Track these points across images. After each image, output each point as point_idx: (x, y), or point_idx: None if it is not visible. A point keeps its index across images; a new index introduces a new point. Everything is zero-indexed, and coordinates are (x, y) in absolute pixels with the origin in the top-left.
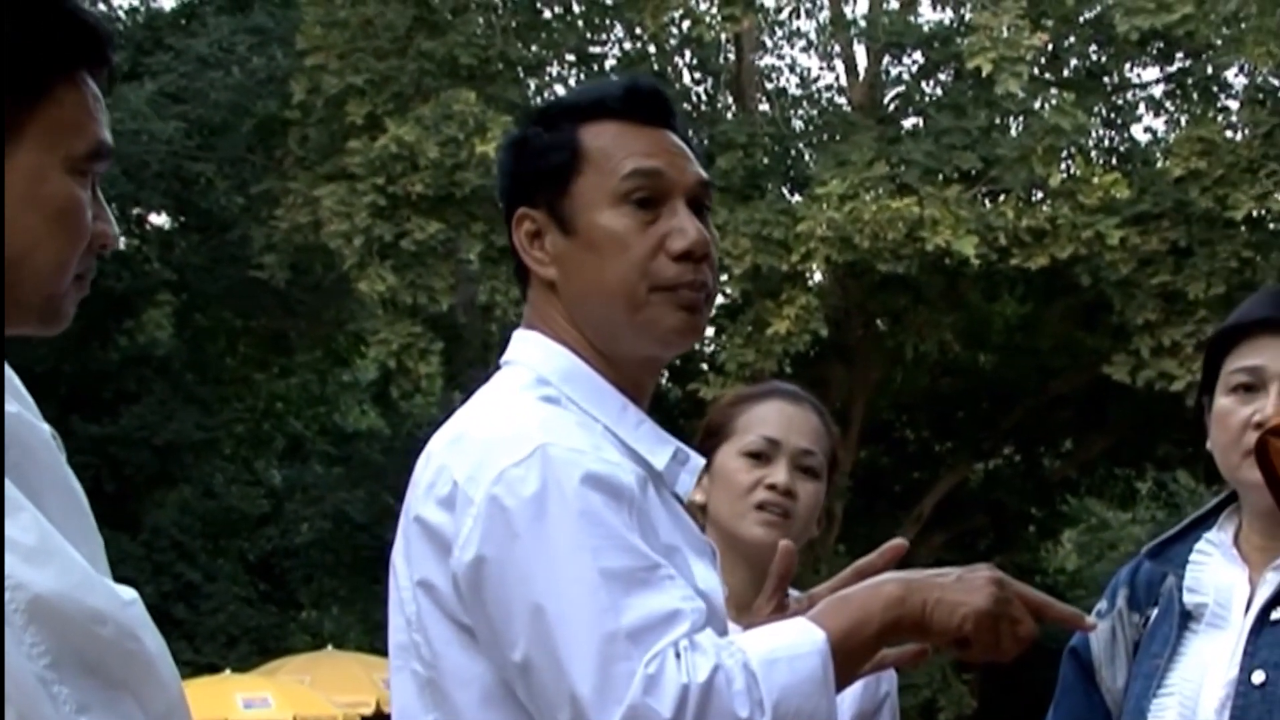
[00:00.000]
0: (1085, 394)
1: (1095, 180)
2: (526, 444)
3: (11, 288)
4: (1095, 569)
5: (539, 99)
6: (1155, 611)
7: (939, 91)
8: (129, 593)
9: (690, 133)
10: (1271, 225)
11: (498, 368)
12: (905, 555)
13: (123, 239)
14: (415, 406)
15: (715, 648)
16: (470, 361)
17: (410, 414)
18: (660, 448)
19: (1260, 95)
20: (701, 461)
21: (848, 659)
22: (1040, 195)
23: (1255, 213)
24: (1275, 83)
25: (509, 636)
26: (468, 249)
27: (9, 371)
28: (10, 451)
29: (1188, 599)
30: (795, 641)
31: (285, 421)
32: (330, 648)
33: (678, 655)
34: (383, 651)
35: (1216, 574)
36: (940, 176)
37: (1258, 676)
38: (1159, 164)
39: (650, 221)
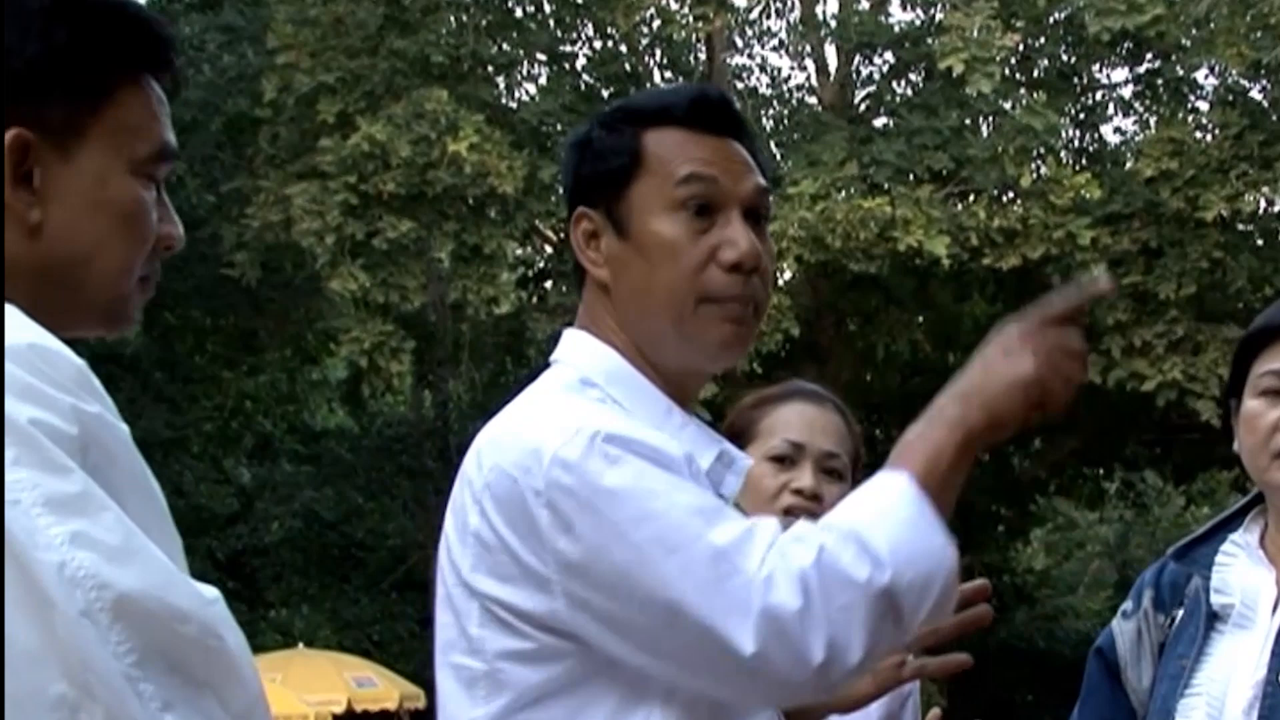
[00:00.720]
0: None
1: (1066, 181)
2: (575, 429)
3: (77, 289)
4: (1063, 568)
5: (510, 98)
6: (1181, 612)
7: (910, 92)
8: (211, 591)
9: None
10: (1242, 226)
11: (546, 366)
12: None
13: None
14: (384, 405)
15: (811, 532)
16: (441, 360)
17: (379, 413)
18: (705, 450)
19: (1230, 96)
20: (749, 462)
21: (941, 489)
22: (1011, 195)
23: (1225, 214)
24: (1245, 84)
25: (619, 599)
26: (439, 248)
27: (89, 371)
28: (92, 453)
29: (1214, 600)
30: (884, 493)
31: (254, 420)
32: (301, 646)
33: (781, 554)
34: (353, 650)
35: (1243, 575)
36: (912, 176)
37: None
38: (1130, 164)
39: (704, 230)
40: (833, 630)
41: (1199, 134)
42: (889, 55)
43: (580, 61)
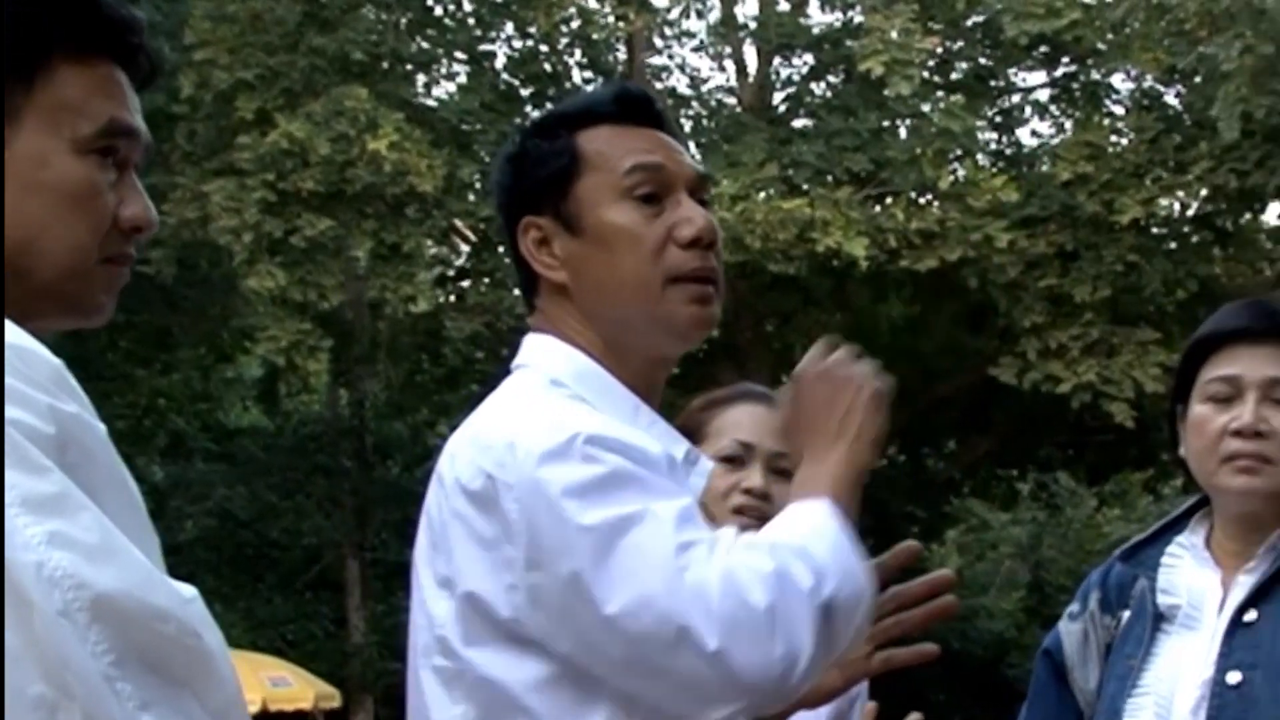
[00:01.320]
0: (970, 396)
1: (984, 183)
2: (553, 426)
3: (26, 276)
4: (976, 569)
5: (430, 96)
6: (1127, 614)
7: (829, 93)
8: (189, 590)
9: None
10: (1156, 230)
11: (508, 372)
12: None
13: None
14: (300, 404)
15: (763, 541)
16: (358, 359)
17: (295, 411)
18: (673, 448)
19: (1146, 101)
20: (712, 465)
21: (849, 517)
22: (929, 198)
23: (1141, 217)
24: (1161, 89)
25: (583, 597)
26: (358, 246)
27: (69, 374)
28: (71, 452)
29: (1161, 600)
30: (811, 515)
31: (168, 418)
32: None
33: (743, 557)
34: (267, 650)
35: (1189, 576)
36: (831, 178)
37: (1233, 677)
38: (1046, 168)
39: (656, 214)
40: (790, 634)
41: (1115, 138)
42: (808, 57)
43: (500, 61)
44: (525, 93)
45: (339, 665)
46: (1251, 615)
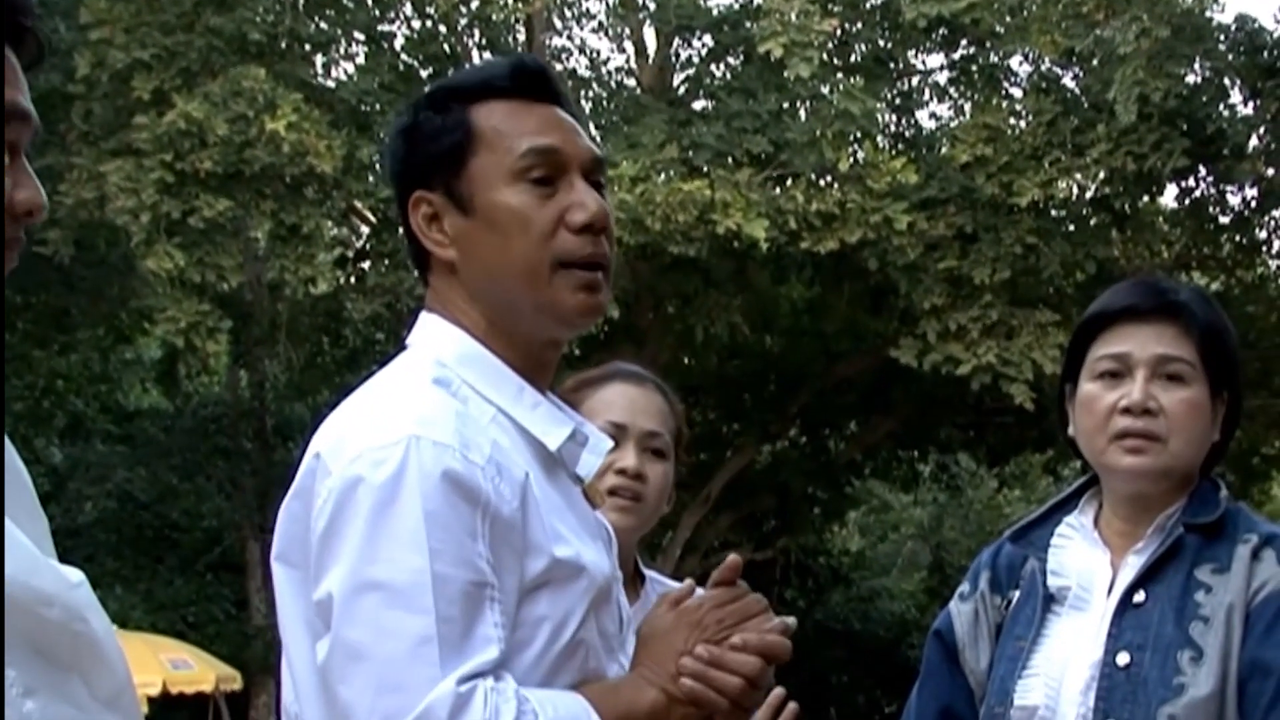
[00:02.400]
0: (871, 377)
1: (883, 165)
2: (393, 430)
3: None
4: (878, 549)
5: (328, 77)
6: (1017, 594)
7: (729, 75)
8: (75, 574)
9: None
10: (1055, 212)
11: (403, 347)
12: (690, 537)
13: None
14: (200, 385)
15: (517, 700)
16: (258, 340)
17: (195, 393)
18: (555, 428)
19: (1044, 84)
20: (609, 443)
21: None
22: (829, 180)
23: (1039, 199)
24: (1058, 72)
25: (331, 611)
26: (257, 227)
27: None
28: None
29: (1051, 582)
30: None
31: (66, 399)
32: (116, 628)
33: (486, 691)
34: (168, 632)
35: (1078, 557)
36: (731, 159)
37: (1122, 658)
38: (945, 150)
39: (548, 197)
40: None
41: (1013, 120)
42: (708, 38)
43: (399, 41)
44: (424, 74)
45: (240, 648)
46: (1140, 596)
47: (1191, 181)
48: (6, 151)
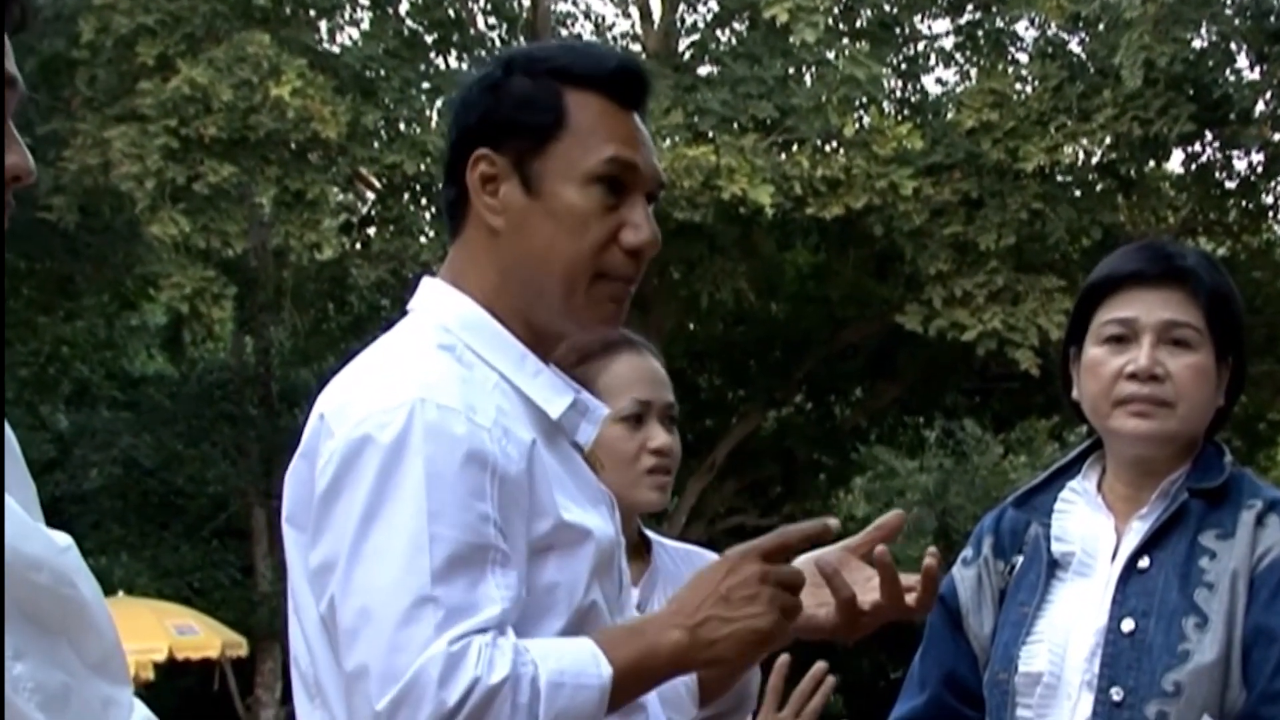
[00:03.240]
0: (876, 343)
1: (889, 131)
2: (399, 392)
3: None
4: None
5: (333, 42)
6: (1021, 559)
7: (734, 40)
8: (64, 539)
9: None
10: (1060, 178)
11: (405, 313)
12: (696, 504)
13: None
14: (205, 351)
15: (514, 653)
16: (263, 306)
17: (200, 359)
18: (557, 397)
19: (1050, 49)
20: (605, 411)
21: (626, 693)
22: (835, 145)
23: (1045, 165)
24: (1065, 37)
25: (327, 576)
26: (261, 193)
27: None
28: None
29: (1055, 548)
30: (583, 670)
31: (71, 366)
32: (121, 594)
33: (480, 648)
34: (173, 598)
35: (1082, 522)
36: (736, 125)
37: (1127, 624)
38: (951, 116)
39: (612, 209)
40: None
41: (1019, 86)
42: (713, 3)
43: (404, 6)
44: (429, 39)
45: (246, 613)
46: (1145, 562)
47: (1198, 147)
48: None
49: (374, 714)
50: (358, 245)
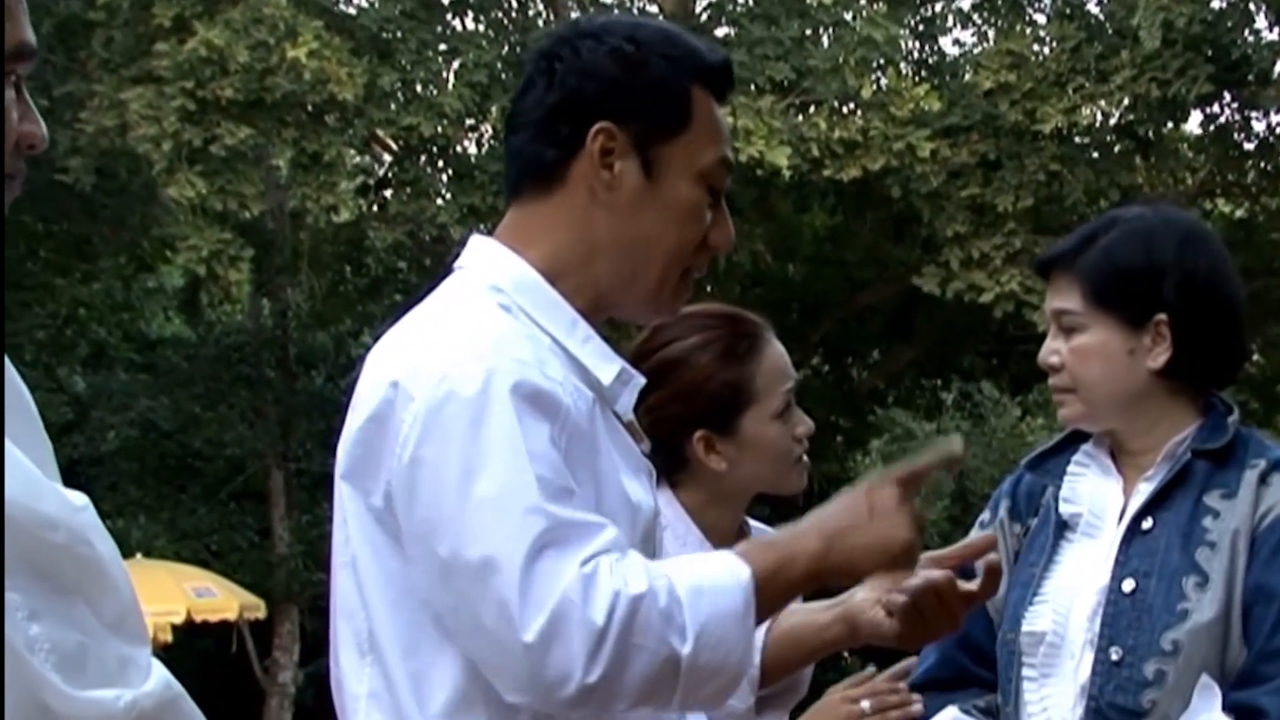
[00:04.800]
0: (893, 306)
1: (906, 92)
2: (474, 349)
3: None
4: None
5: (349, 4)
6: (1035, 521)
7: (751, 2)
8: (80, 498)
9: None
10: (1078, 139)
11: (447, 271)
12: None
13: None
14: (222, 314)
15: (644, 566)
16: (280, 268)
17: (217, 321)
18: (606, 364)
19: (1068, 10)
20: (642, 381)
21: (769, 599)
22: (852, 107)
23: (1062, 126)
24: None
25: (439, 533)
26: (278, 155)
27: None
28: None
29: (1063, 509)
30: (721, 575)
31: (89, 328)
32: (139, 556)
33: (611, 565)
34: (191, 560)
35: (1092, 485)
36: (754, 87)
37: (1128, 585)
38: (968, 77)
39: (711, 208)
40: (613, 665)
41: (1037, 47)
42: None
43: None
44: (446, 1)
45: (264, 576)
46: (1148, 523)
47: (1216, 108)
48: (10, 85)
49: (524, 647)
50: (374, 208)
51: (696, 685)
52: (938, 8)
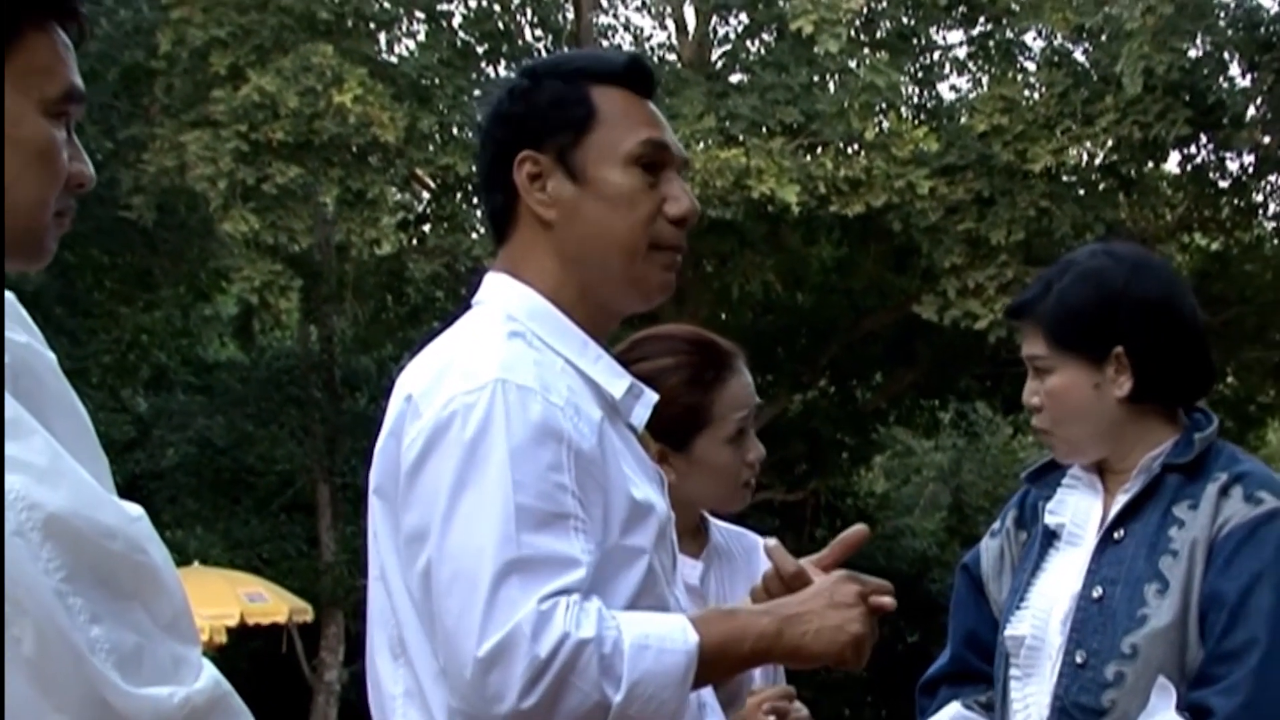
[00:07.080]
0: (895, 331)
1: (906, 134)
2: (481, 375)
3: None
4: (901, 492)
5: (391, 53)
6: (1035, 531)
7: (763, 51)
8: (135, 509)
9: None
10: (1066, 177)
11: (468, 306)
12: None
13: None
14: (273, 339)
15: (599, 615)
16: (326, 297)
17: (268, 346)
18: (617, 380)
19: (1056, 58)
20: (655, 397)
21: (712, 670)
22: (856, 148)
23: (1051, 166)
24: (1070, 47)
25: (423, 542)
26: (325, 193)
27: (19, 305)
28: (22, 379)
29: (1049, 520)
30: (670, 636)
31: (150, 352)
32: (196, 564)
33: (568, 605)
34: (244, 568)
35: (1077, 498)
36: (765, 129)
37: (1096, 591)
38: (964, 120)
39: (652, 185)
40: (546, 698)
41: (1027, 92)
42: (744, 16)
43: (457, 20)
44: (480, 50)
45: (312, 582)
46: (1120, 533)
47: (1193, 149)
48: (61, 126)
49: (474, 661)
50: (414, 241)
51: None
52: (936, 56)
